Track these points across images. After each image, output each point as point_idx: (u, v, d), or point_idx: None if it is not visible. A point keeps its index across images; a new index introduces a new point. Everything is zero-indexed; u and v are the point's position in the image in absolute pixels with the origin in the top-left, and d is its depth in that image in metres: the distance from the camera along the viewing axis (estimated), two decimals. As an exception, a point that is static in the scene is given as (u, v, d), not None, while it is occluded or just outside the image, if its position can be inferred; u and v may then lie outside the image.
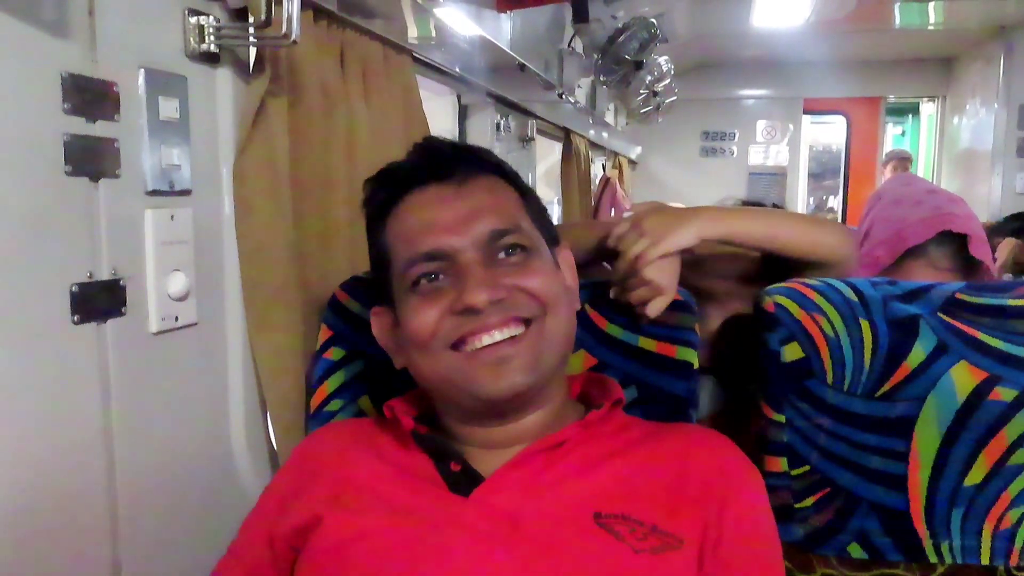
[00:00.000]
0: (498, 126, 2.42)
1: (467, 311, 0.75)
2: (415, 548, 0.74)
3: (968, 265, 1.35)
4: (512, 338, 0.76)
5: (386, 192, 0.84)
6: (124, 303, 0.87)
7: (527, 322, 0.78)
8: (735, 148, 5.80)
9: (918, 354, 0.94)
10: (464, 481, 0.78)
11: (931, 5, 3.89)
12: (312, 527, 0.79)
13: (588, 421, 0.81)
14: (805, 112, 5.78)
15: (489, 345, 0.76)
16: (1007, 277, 3.30)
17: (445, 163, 0.82)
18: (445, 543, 0.74)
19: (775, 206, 1.26)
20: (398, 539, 0.75)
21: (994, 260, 3.51)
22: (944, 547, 0.96)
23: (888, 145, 7.82)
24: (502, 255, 0.79)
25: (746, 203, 1.33)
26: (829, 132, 7.04)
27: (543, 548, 0.73)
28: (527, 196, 0.87)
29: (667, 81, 3.44)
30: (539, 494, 0.76)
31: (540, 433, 0.80)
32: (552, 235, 0.87)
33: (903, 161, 5.67)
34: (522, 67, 2.25)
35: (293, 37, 0.95)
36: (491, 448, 0.81)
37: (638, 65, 2.70)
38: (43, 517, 0.79)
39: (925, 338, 0.95)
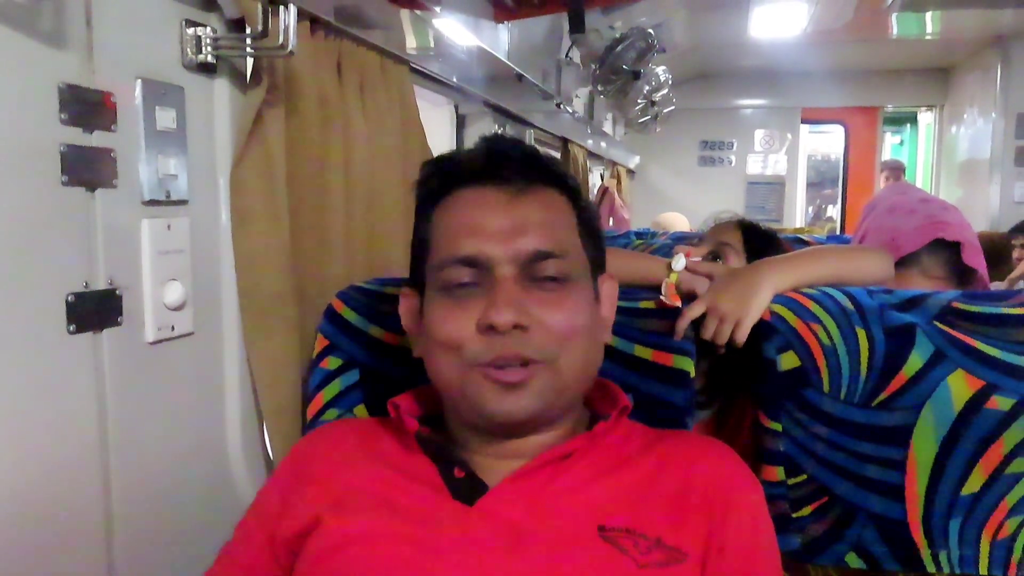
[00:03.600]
0: (496, 136, 2.42)
1: (490, 328, 0.73)
2: (415, 555, 0.73)
3: (962, 273, 1.35)
4: (525, 366, 0.74)
5: (440, 180, 0.82)
6: (120, 313, 0.87)
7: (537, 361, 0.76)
8: (733, 157, 5.82)
9: (915, 363, 0.94)
10: (468, 489, 0.76)
11: (928, 15, 3.91)
12: (311, 529, 0.78)
13: (596, 433, 0.80)
14: (803, 121, 5.80)
15: (501, 369, 0.74)
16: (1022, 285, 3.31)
17: (508, 165, 0.79)
18: (446, 552, 0.72)
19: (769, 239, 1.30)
20: (398, 545, 0.74)
21: (1016, 260, 3.50)
22: (942, 556, 0.95)
23: (887, 154, 7.84)
24: (541, 279, 0.76)
25: (742, 221, 1.34)
26: (827, 141, 7.06)
27: (546, 561, 0.72)
28: (585, 218, 0.83)
29: (665, 91, 3.46)
30: (544, 506, 0.75)
31: (548, 446, 0.79)
32: (600, 260, 0.85)
33: (895, 171, 5.69)
34: (520, 77, 2.26)
35: (290, 48, 0.95)
36: (498, 458, 0.79)
37: (636, 75, 2.71)
38: (38, 526, 0.79)
39: (921, 347, 0.95)
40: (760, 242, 1.28)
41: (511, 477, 0.76)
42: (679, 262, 1.11)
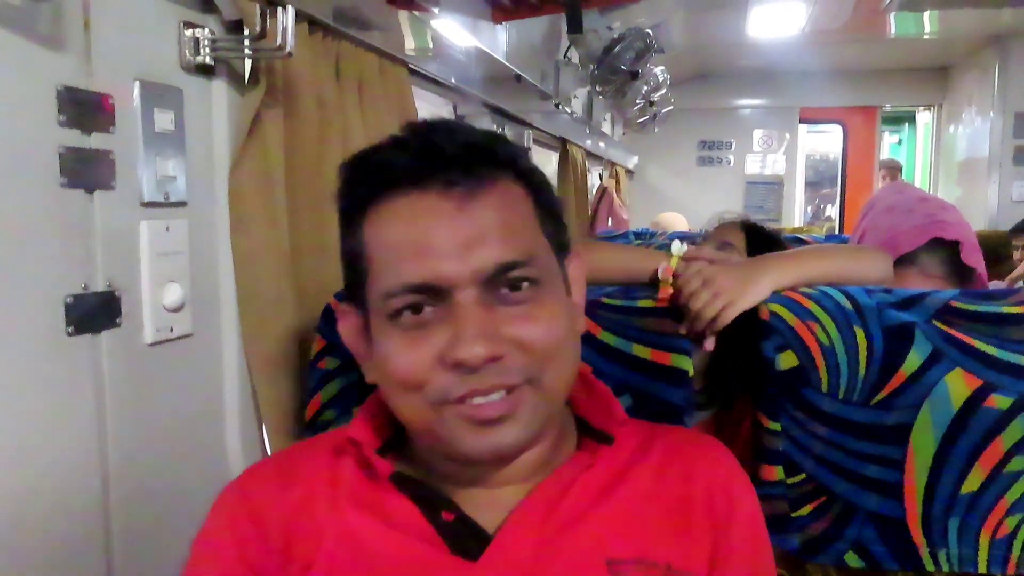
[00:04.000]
0: (495, 137, 2.42)
1: (458, 366, 0.62)
2: None
3: (960, 272, 1.35)
4: (503, 397, 0.64)
5: (367, 186, 0.68)
6: (119, 314, 0.87)
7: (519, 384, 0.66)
8: (732, 157, 5.82)
9: (913, 362, 0.95)
10: (464, 538, 0.67)
11: (926, 15, 3.91)
12: None
13: (596, 460, 0.72)
14: (802, 121, 5.80)
15: (478, 404, 0.64)
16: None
17: (447, 162, 0.64)
18: None
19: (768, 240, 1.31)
20: None
21: (1017, 261, 3.50)
22: (941, 555, 0.95)
23: (885, 154, 7.84)
24: (506, 290, 0.65)
25: (745, 222, 1.35)
26: (826, 141, 7.07)
27: None
28: (544, 201, 0.71)
29: (663, 91, 3.46)
30: (550, 547, 0.67)
31: (536, 468, 0.71)
32: (564, 243, 0.74)
33: (892, 170, 5.70)
34: (518, 78, 2.26)
35: (288, 49, 0.95)
36: (482, 487, 0.70)
37: (634, 75, 2.71)
38: (37, 527, 0.79)
39: (920, 346, 0.95)
40: (763, 243, 1.28)
41: (511, 523, 0.67)
42: (680, 247, 1.10)
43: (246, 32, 0.96)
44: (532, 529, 0.67)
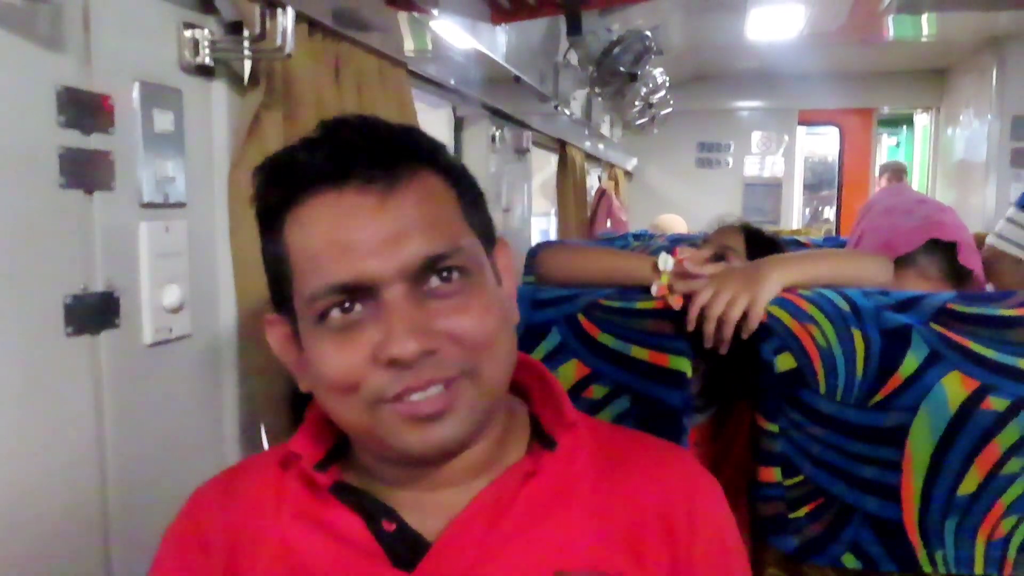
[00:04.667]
0: (493, 138, 2.43)
1: (392, 363, 0.61)
2: None
3: (958, 274, 1.36)
4: (441, 391, 0.63)
5: (283, 188, 0.66)
6: (118, 315, 0.87)
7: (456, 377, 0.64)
8: (731, 159, 5.83)
9: (910, 364, 0.95)
10: (403, 546, 0.66)
11: (924, 17, 3.92)
12: None
13: (540, 468, 0.69)
14: (800, 123, 5.81)
15: (416, 400, 0.63)
16: None
17: (364, 159, 0.63)
18: None
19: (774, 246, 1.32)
20: None
21: None
22: (938, 557, 0.96)
23: (882, 156, 7.84)
24: (435, 281, 0.63)
25: (745, 226, 1.36)
26: (824, 143, 7.08)
27: None
28: (465, 192, 0.70)
29: (662, 93, 3.47)
30: (495, 556, 0.65)
31: (481, 468, 0.69)
32: (490, 233, 0.72)
33: (897, 172, 5.70)
34: (517, 79, 2.26)
35: (288, 50, 0.95)
36: (425, 491, 0.68)
37: (633, 77, 2.72)
38: (36, 528, 0.79)
39: (917, 348, 0.95)
40: (762, 247, 1.29)
41: (450, 531, 0.66)
42: (666, 262, 1.09)
43: (246, 33, 0.97)
44: (473, 539, 0.66)
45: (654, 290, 1.05)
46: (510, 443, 0.72)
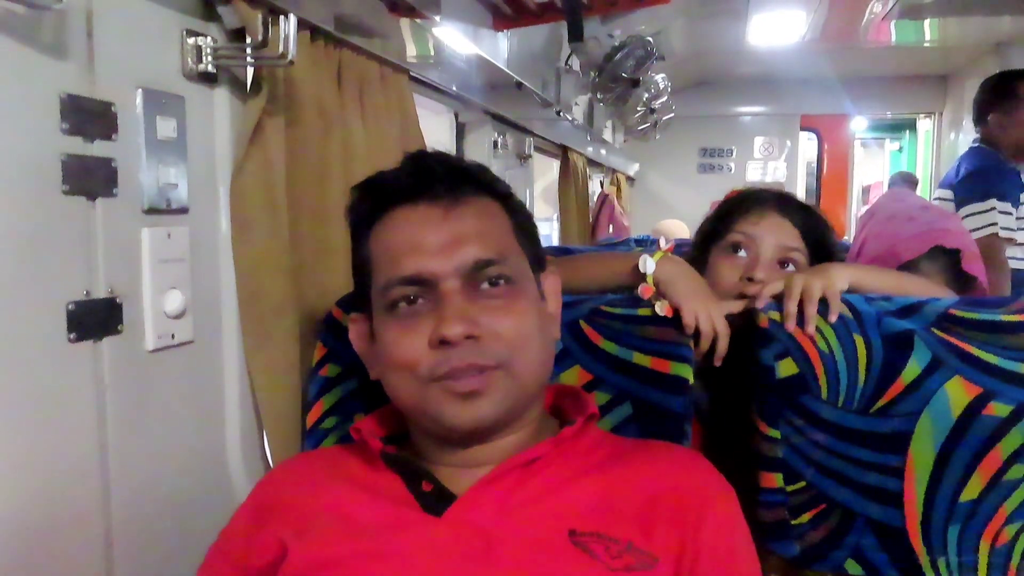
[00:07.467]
0: (495, 144, 2.43)
1: (442, 343, 0.74)
2: (386, 571, 0.73)
3: (961, 281, 1.35)
4: (481, 373, 0.75)
5: (372, 203, 0.83)
6: (120, 321, 0.87)
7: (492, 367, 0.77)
8: (733, 165, 5.83)
9: (912, 369, 0.95)
10: (436, 500, 0.77)
11: (927, 23, 3.92)
12: (278, 561, 0.77)
13: (562, 437, 0.80)
14: (802, 129, 5.81)
15: (458, 380, 0.75)
16: None
17: (436, 181, 0.80)
18: (416, 565, 0.73)
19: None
20: (367, 564, 0.73)
21: None
22: (941, 563, 0.95)
23: (885, 161, 7.82)
24: (485, 285, 0.78)
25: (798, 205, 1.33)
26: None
27: (517, 568, 0.72)
28: (519, 220, 0.85)
29: (664, 98, 3.48)
30: (513, 512, 0.75)
31: (514, 452, 0.79)
32: (540, 259, 0.87)
33: (908, 184, 5.69)
34: (519, 85, 2.27)
35: (290, 57, 0.96)
36: (464, 468, 0.80)
37: (635, 83, 2.72)
38: (39, 534, 0.79)
39: (919, 353, 0.95)
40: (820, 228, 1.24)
41: (477, 485, 0.77)
42: (648, 265, 1.05)
43: (248, 40, 0.97)
44: (495, 493, 0.76)
45: (640, 291, 1.05)
46: (542, 439, 0.81)
